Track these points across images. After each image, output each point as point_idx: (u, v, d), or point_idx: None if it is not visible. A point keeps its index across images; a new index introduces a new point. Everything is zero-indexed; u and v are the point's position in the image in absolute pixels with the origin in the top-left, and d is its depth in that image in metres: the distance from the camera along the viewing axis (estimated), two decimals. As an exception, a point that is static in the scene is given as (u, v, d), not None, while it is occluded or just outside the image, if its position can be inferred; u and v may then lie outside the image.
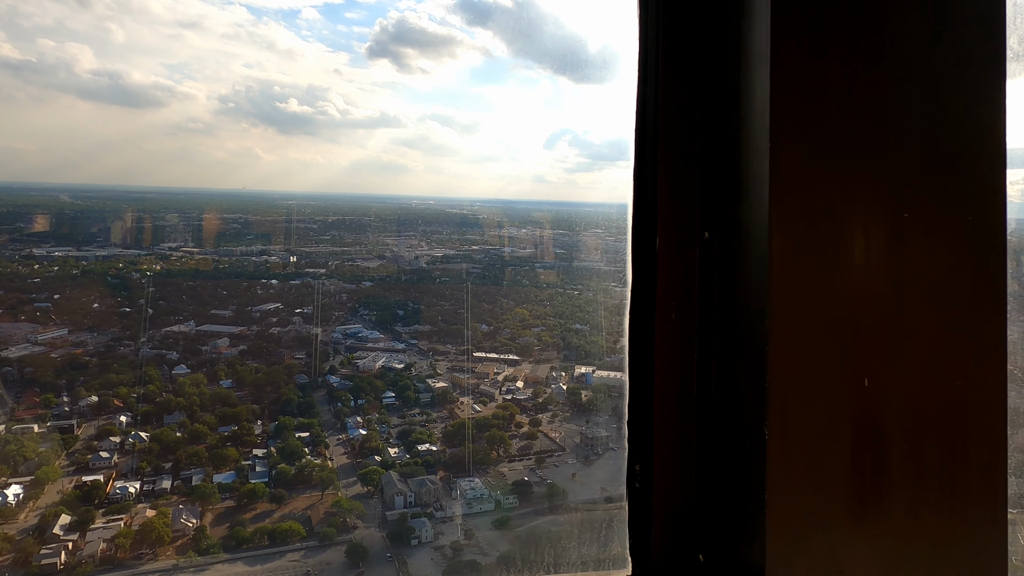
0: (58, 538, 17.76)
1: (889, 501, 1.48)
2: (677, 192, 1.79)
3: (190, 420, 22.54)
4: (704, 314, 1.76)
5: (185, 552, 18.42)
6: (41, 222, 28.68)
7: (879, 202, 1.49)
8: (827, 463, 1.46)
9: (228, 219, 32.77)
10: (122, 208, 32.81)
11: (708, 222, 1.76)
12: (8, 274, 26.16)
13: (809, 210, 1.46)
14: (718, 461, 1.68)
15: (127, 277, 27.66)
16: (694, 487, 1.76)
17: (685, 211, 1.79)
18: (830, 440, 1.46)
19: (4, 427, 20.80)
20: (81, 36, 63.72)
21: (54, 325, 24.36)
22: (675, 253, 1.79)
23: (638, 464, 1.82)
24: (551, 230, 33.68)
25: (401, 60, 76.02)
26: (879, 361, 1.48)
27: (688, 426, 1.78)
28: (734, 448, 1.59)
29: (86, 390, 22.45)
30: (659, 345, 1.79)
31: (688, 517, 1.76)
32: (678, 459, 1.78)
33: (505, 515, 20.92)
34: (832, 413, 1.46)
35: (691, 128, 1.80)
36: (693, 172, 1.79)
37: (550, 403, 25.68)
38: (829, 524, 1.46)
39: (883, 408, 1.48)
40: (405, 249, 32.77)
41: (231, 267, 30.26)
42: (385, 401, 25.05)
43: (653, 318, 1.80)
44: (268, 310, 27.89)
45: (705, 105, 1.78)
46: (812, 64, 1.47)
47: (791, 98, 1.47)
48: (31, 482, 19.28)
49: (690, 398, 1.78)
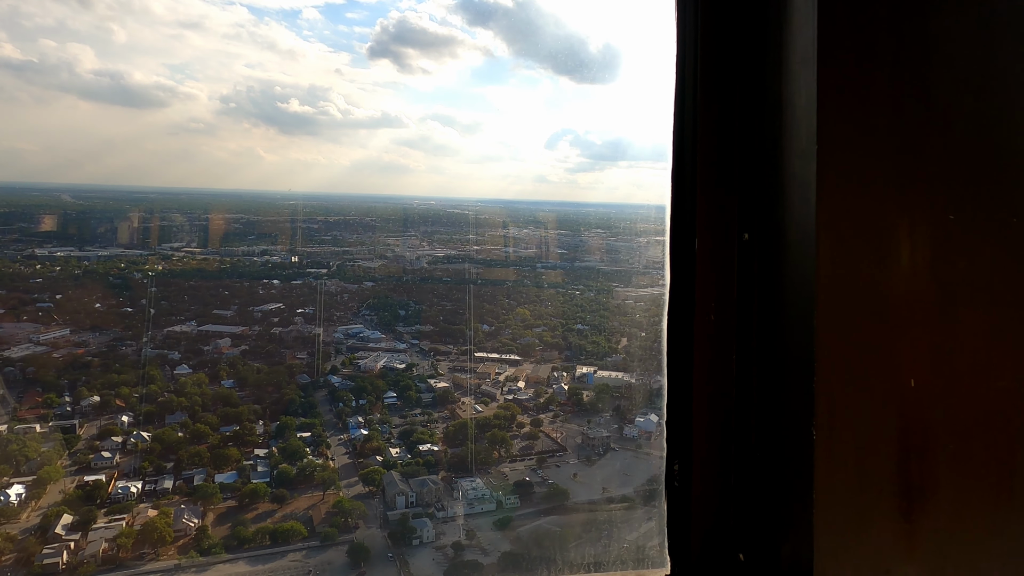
0: (60, 538, 17.74)
1: (935, 501, 1.49)
2: (716, 194, 1.80)
3: (192, 420, 22.52)
4: (743, 315, 1.77)
5: (187, 552, 18.41)
6: (48, 222, 28.67)
7: (925, 205, 1.50)
8: (874, 463, 1.47)
9: (230, 219, 32.77)
10: (124, 208, 32.80)
11: (748, 224, 1.77)
12: (10, 274, 26.13)
13: (856, 213, 1.47)
14: (759, 461, 1.69)
15: (129, 277, 27.65)
16: (734, 486, 1.77)
17: (724, 213, 1.80)
18: (877, 441, 1.47)
19: (7, 427, 20.77)
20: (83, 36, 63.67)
21: (56, 325, 24.34)
22: (714, 254, 1.80)
23: (677, 463, 1.83)
24: (553, 230, 33.72)
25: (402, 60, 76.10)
26: (925, 363, 1.49)
27: (727, 426, 1.79)
28: (778, 448, 1.60)
29: (88, 390, 22.43)
30: (698, 345, 1.80)
31: (727, 516, 1.77)
32: (717, 458, 1.79)
33: (507, 515, 20.91)
34: (879, 414, 1.47)
35: (730, 131, 1.81)
36: (732, 174, 1.80)
37: (551, 403, 25.67)
38: (876, 523, 1.47)
39: (929, 409, 1.49)
40: (407, 249, 32.78)
41: (233, 267, 30.26)
42: (387, 401, 25.05)
43: (691, 319, 1.81)
44: (270, 310, 27.88)
45: (744, 107, 1.79)
46: (859, 68, 1.49)
47: (838, 101, 1.48)
48: (33, 482, 19.27)
49: (729, 398, 1.79)
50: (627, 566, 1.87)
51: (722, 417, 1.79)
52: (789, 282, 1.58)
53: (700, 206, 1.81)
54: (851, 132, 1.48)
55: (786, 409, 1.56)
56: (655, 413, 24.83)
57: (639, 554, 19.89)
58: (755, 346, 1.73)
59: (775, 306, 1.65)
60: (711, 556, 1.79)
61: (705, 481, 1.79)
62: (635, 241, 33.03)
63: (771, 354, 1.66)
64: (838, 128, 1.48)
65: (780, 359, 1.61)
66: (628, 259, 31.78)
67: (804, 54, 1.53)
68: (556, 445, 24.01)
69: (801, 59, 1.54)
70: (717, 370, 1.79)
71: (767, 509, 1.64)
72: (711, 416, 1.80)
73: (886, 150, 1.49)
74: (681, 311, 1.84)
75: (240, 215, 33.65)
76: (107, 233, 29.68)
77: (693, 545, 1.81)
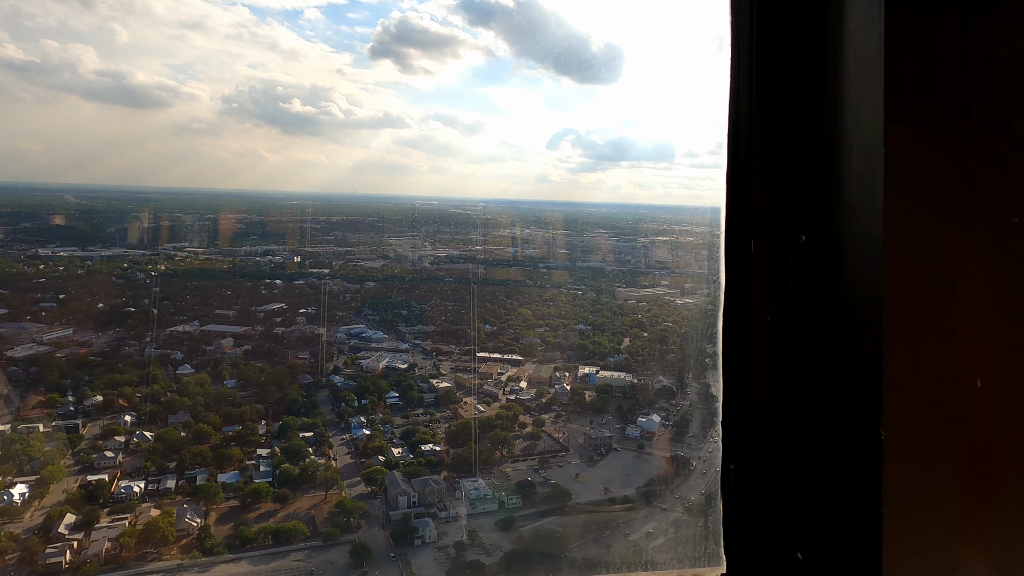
0: (63, 537, 17.76)
1: (1002, 499, 1.50)
2: (772, 196, 1.82)
3: (194, 420, 22.54)
4: (801, 316, 1.79)
5: (189, 551, 18.41)
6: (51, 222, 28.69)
7: (991, 206, 1.51)
8: (941, 462, 1.49)
9: (232, 219, 32.78)
10: (127, 209, 32.84)
11: (805, 225, 1.78)
12: (14, 274, 26.15)
13: (922, 214, 1.49)
14: (819, 461, 1.70)
15: (132, 277, 27.68)
16: (791, 486, 1.78)
17: (780, 215, 1.81)
18: (944, 440, 1.49)
19: (10, 426, 20.77)
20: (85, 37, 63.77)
21: (59, 325, 24.36)
22: (770, 256, 1.81)
23: (733, 463, 1.84)
24: (555, 230, 33.78)
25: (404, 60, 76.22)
26: (992, 363, 1.50)
27: (783, 426, 1.80)
28: (842, 448, 1.62)
29: (91, 390, 22.44)
30: (754, 347, 1.82)
31: (784, 515, 1.79)
32: (773, 458, 1.81)
33: (509, 515, 20.92)
34: (946, 413, 1.49)
35: (786, 133, 1.82)
36: (789, 176, 1.81)
37: (553, 403, 25.70)
38: (943, 521, 1.49)
39: (996, 409, 1.50)
40: (409, 249, 32.81)
41: (235, 267, 30.28)
42: (389, 401, 25.07)
43: (747, 320, 1.82)
44: (272, 310, 27.91)
45: (801, 109, 1.81)
46: (926, 71, 1.50)
47: (905, 103, 1.49)
48: (36, 481, 19.28)
49: (785, 398, 1.80)
50: (627, 566, 1.87)
51: (778, 418, 1.80)
52: (852, 283, 1.59)
53: (756, 209, 1.82)
54: (918, 133, 1.50)
55: (852, 410, 1.58)
56: (657, 413, 24.87)
57: (641, 554, 19.89)
58: (813, 347, 1.75)
59: (836, 308, 1.66)
60: (768, 555, 1.80)
61: (761, 481, 1.81)
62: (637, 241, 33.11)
63: (832, 355, 1.67)
64: (905, 129, 1.49)
65: (844, 360, 1.62)
66: (630, 259, 31.84)
67: (869, 56, 1.54)
68: (558, 445, 24.05)
69: (866, 61, 1.55)
70: (773, 372, 1.81)
71: (829, 508, 1.66)
72: (767, 417, 1.81)
73: (952, 151, 1.51)
74: (737, 313, 1.86)
75: (243, 215, 33.69)
76: (110, 233, 29.70)
77: (749, 544, 1.83)
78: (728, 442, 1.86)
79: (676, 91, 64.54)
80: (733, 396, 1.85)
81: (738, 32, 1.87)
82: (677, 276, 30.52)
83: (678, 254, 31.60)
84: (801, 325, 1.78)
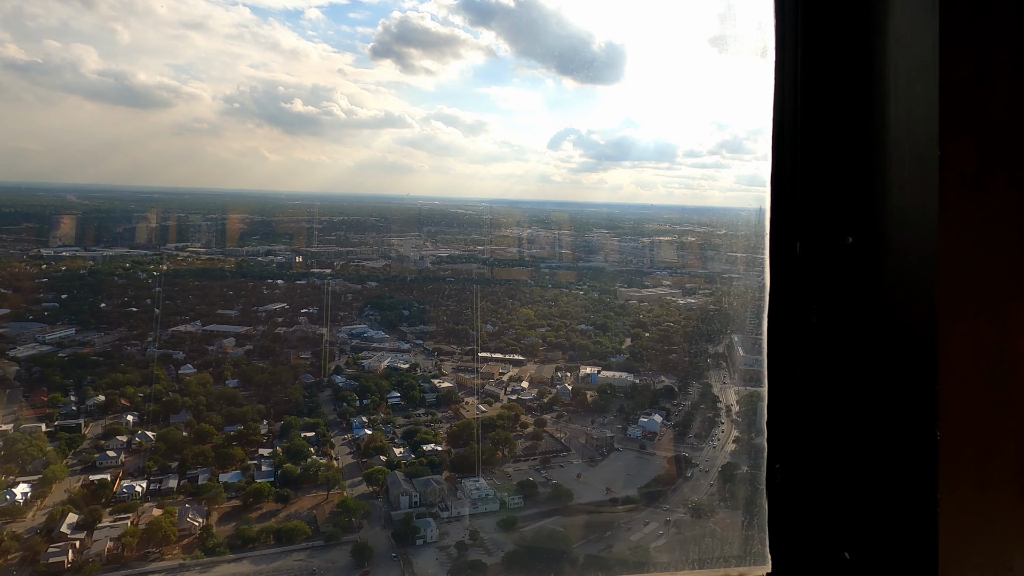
0: (65, 537, 17.75)
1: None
2: (818, 198, 1.83)
3: (196, 419, 22.53)
4: (847, 317, 1.79)
5: (191, 551, 18.39)
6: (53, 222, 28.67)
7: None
8: (997, 463, 1.50)
9: (234, 219, 32.77)
10: (129, 209, 32.82)
11: (851, 227, 1.79)
12: (16, 274, 26.16)
13: (978, 216, 1.50)
14: (869, 460, 1.71)
15: (134, 277, 27.68)
16: (837, 486, 1.79)
17: (826, 216, 1.82)
18: (999, 440, 1.50)
19: (12, 426, 20.77)
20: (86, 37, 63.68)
21: (62, 324, 24.36)
22: (816, 257, 1.82)
23: (778, 463, 1.85)
24: (556, 230, 33.78)
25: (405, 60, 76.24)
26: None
27: (829, 426, 1.81)
28: (895, 448, 1.62)
29: (93, 389, 22.43)
30: (799, 348, 1.83)
31: (831, 515, 1.80)
32: (819, 458, 1.82)
33: (511, 515, 20.92)
34: (1001, 414, 1.50)
35: (831, 136, 1.83)
36: (834, 178, 1.82)
37: (555, 403, 25.72)
38: (999, 521, 1.50)
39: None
40: (410, 249, 32.81)
41: (237, 267, 30.28)
42: (390, 401, 25.07)
43: (793, 321, 1.83)
44: (274, 310, 27.93)
45: (846, 113, 1.81)
46: (980, 72, 1.51)
47: (960, 105, 1.50)
48: (39, 481, 19.27)
49: (831, 400, 1.81)
50: (629, 566, 1.88)
51: (824, 418, 1.81)
52: (904, 285, 1.60)
53: (802, 209, 1.83)
54: (973, 136, 1.51)
55: (905, 410, 1.59)
56: (658, 413, 24.88)
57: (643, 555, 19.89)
58: (860, 348, 1.75)
59: (885, 309, 1.67)
60: (814, 554, 1.82)
61: (807, 481, 1.82)
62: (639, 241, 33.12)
63: (882, 356, 1.68)
64: (960, 132, 1.50)
65: (895, 361, 1.63)
66: (632, 259, 31.85)
67: (922, 59, 1.55)
68: (560, 445, 24.05)
69: (919, 64, 1.56)
70: (819, 372, 1.82)
71: (880, 508, 1.67)
72: (813, 417, 1.82)
73: (1007, 151, 1.51)
74: (782, 314, 1.86)
75: (244, 215, 33.68)
76: (112, 233, 29.68)
77: (795, 544, 1.84)
78: (773, 442, 1.87)
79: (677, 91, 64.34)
80: (778, 397, 1.86)
81: (782, 37, 1.88)
82: (679, 276, 30.57)
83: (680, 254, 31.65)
84: (847, 326, 1.79)
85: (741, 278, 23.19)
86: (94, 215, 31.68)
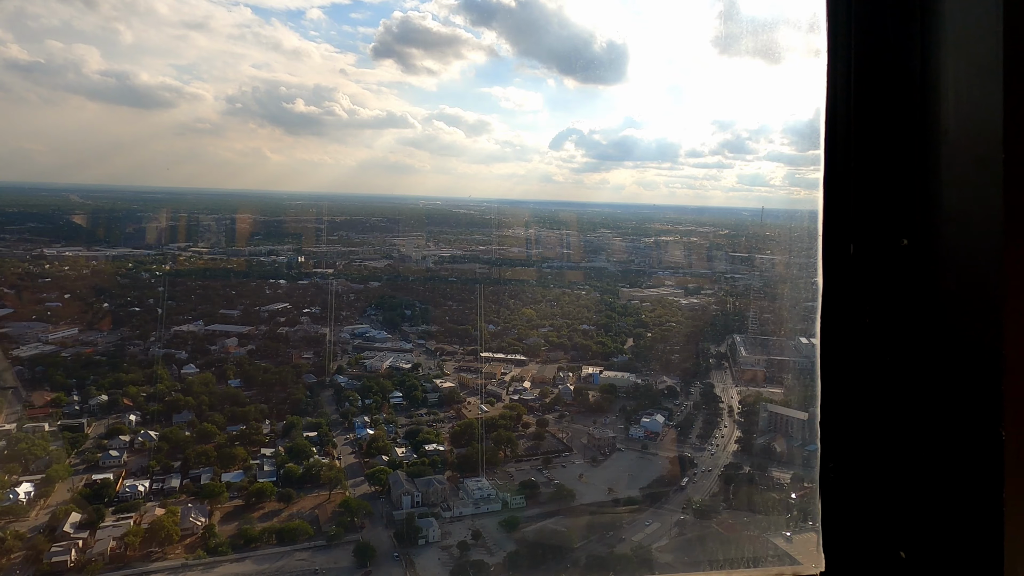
0: (68, 536, 17.77)
1: None
2: (871, 200, 1.84)
3: (199, 419, 22.56)
4: (901, 318, 1.80)
5: (194, 550, 18.41)
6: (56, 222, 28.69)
7: None
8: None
9: (237, 219, 32.79)
10: (132, 209, 32.78)
11: (906, 229, 1.80)
12: (20, 273, 26.18)
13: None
14: (928, 461, 1.72)
15: (137, 276, 27.74)
16: (893, 486, 1.80)
17: (880, 219, 1.83)
18: None
19: (16, 425, 20.79)
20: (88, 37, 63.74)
21: (65, 324, 24.39)
22: (870, 259, 1.83)
23: (832, 463, 1.86)
24: (559, 230, 33.80)
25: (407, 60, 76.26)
26: None
27: (884, 426, 1.82)
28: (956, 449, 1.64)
29: (96, 389, 22.46)
30: (853, 349, 1.84)
31: (886, 515, 1.81)
32: (874, 458, 1.83)
33: (513, 515, 20.94)
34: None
35: (885, 139, 1.84)
36: (888, 181, 1.83)
37: (557, 403, 25.76)
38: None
39: None
40: (412, 249, 32.85)
41: (240, 267, 30.33)
42: (392, 401, 25.11)
43: (846, 323, 1.84)
44: (276, 310, 28.00)
45: (899, 117, 1.82)
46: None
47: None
48: (42, 480, 19.30)
49: (885, 399, 1.82)
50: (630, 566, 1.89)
51: (879, 418, 1.82)
52: (965, 287, 1.61)
53: (856, 212, 1.84)
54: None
55: (968, 411, 1.60)
56: (661, 413, 24.91)
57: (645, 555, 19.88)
58: (916, 349, 1.76)
59: (944, 311, 1.68)
60: (868, 554, 1.83)
61: (862, 481, 1.83)
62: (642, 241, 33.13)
63: (940, 357, 1.69)
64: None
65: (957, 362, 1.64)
66: (634, 259, 31.87)
67: (986, 64, 1.56)
68: (562, 445, 24.09)
69: (982, 69, 1.57)
70: (873, 373, 1.83)
71: (941, 508, 1.68)
72: (867, 418, 1.83)
73: None
74: (835, 315, 1.87)
75: (247, 215, 33.71)
76: (115, 233, 29.71)
77: (849, 543, 1.85)
78: (827, 442, 1.88)
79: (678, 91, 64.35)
80: (832, 397, 1.87)
81: (835, 40, 1.89)
82: (681, 276, 30.60)
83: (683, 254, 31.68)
84: (901, 327, 1.80)
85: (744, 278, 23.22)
86: (97, 215, 31.72)
